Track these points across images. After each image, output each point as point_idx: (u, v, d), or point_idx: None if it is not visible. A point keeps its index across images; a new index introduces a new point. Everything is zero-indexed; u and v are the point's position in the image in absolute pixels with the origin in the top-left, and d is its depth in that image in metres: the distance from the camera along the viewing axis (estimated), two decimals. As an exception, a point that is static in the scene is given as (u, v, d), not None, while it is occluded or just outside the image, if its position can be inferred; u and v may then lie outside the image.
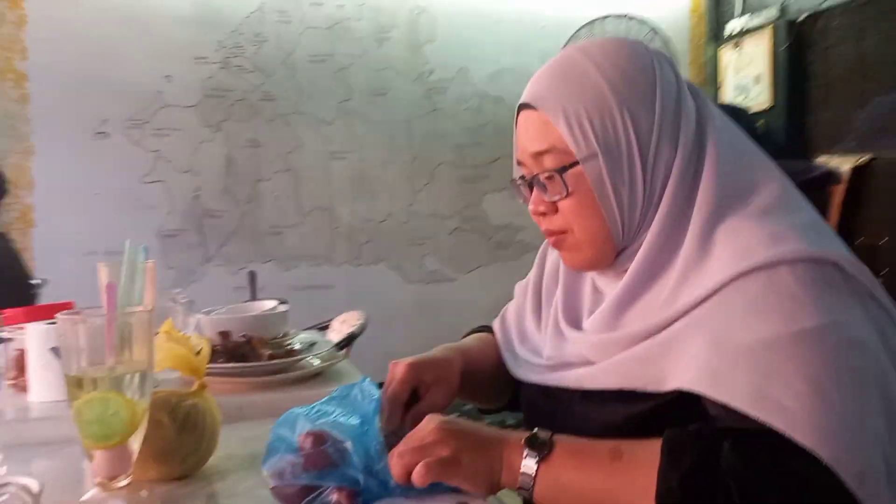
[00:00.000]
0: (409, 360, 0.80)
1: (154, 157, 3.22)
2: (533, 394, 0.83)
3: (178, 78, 3.22)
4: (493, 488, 0.64)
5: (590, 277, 0.82)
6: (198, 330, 1.13)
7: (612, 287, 0.76)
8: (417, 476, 0.61)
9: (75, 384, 0.64)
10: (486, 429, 0.67)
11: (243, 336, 1.08)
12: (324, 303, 2.97)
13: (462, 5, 3.56)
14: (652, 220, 0.72)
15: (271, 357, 1.06)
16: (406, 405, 0.78)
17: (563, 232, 0.75)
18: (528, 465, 0.62)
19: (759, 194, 0.70)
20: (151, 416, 0.73)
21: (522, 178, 0.78)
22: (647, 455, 0.59)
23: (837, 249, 0.65)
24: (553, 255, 0.89)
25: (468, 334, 0.99)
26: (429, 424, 0.66)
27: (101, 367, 0.65)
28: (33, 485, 0.54)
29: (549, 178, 0.73)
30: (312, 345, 1.20)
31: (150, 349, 0.69)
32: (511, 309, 0.95)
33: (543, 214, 0.76)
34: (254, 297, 1.40)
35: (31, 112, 3.06)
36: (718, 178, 0.70)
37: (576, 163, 0.71)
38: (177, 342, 0.79)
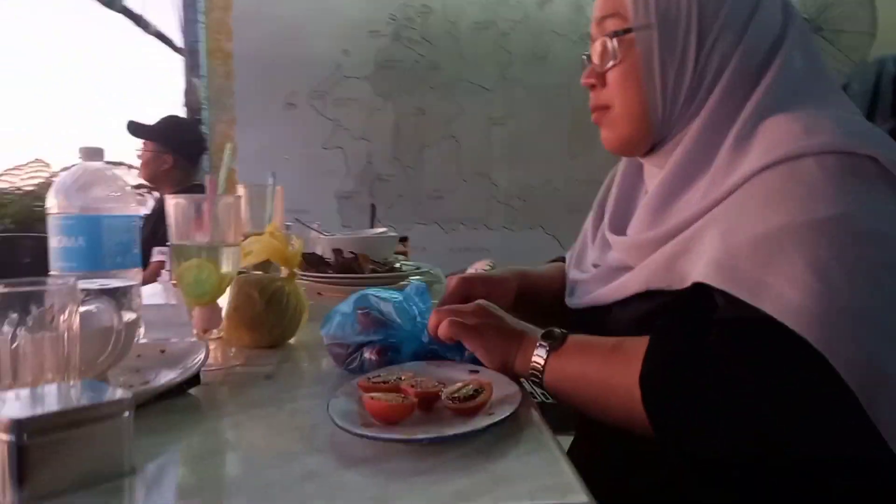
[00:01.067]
0: (465, 274, 0.87)
1: (333, 125, 3.55)
2: (578, 313, 0.85)
3: (355, 51, 3.51)
4: (505, 368, 0.69)
5: (643, 182, 0.82)
6: (318, 246, 1.30)
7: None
8: (442, 329, 0.70)
9: (178, 252, 0.80)
10: (518, 322, 0.73)
11: (352, 253, 1.23)
12: (479, 263, 3.11)
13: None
14: (696, 113, 0.70)
15: (373, 271, 1.19)
16: None
17: (606, 108, 0.75)
18: (540, 354, 0.67)
19: (810, 102, 0.66)
20: (243, 291, 0.88)
21: (587, 57, 0.77)
22: (641, 345, 0.60)
23: (881, 146, 0.60)
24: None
25: (549, 262, 1.03)
26: (474, 310, 0.73)
27: (197, 240, 0.81)
28: (129, 316, 0.70)
29: (604, 42, 0.73)
30: (417, 268, 1.31)
31: (237, 231, 0.84)
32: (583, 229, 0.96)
33: (593, 87, 0.76)
34: (371, 226, 1.54)
35: (235, 86, 3.52)
36: (773, 86, 0.67)
37: (630, 29, 0.70)
38: (275, 239, 0.94)
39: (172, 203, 0.80)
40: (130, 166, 3.11)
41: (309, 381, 0.75)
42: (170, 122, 2.47)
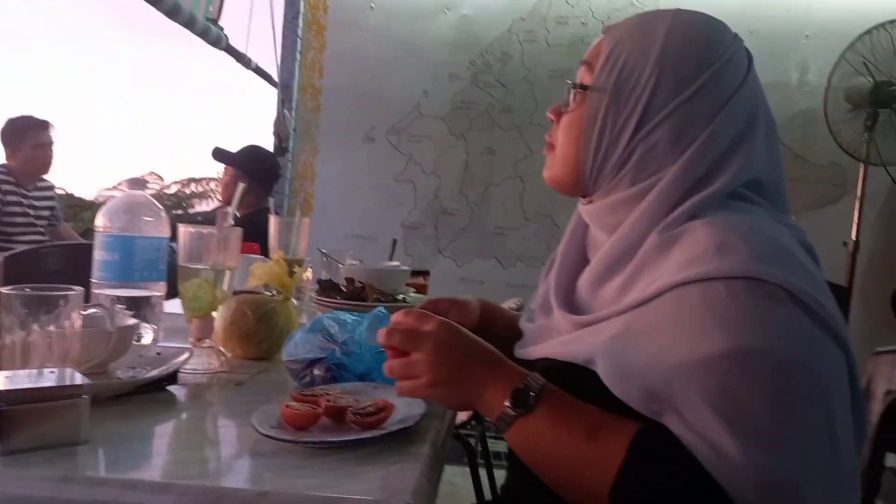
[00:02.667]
0: (430, 297, 0.96)
1: (406, 159, 3.75)
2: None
3: (433, 92, 3.71)
4: (462, 410, 0.73)
5: (585, 247, 0.85)
6: (336, 274, 1.44)
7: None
8: (398, 389, 0.70)
9: (183, 272, 0.96)
10: (481, 360, 0.70)
11: (360, 283, 1.36)
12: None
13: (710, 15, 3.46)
14: (621, 182, 0.74)
15: (375, 300, 1.32)
16: None
17: (552, 146, 0.82)
18: (508, 413, 0.65)
19: (745, 210, 0.69)
20: (240, 308, 1.03)
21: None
22: (617, 446, 0.60)
23: (789, 272, 0.62)
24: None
25: None
26: (430, 335, 0.69)
27: (201, 263, 0.96)
28: (127, 322, 0.86)
29: (570, 88, 0.80)
30: (423, 302, 1.43)
31: (236, 258, 0.99)
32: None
33: (552, 121, 0.83)
34: (390, 259, 1.67)
35: (320, 119, 3.80)
36: (706, 180, 0.70)
37: (587, 87, 0.77)
38: (278, 265, 1.09)
39: (182, 230, 0.96)
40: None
41: (267, 391, 0.88)
42: (249, 151, 2.73)
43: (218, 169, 3.03)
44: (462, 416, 2.07)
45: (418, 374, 0.69)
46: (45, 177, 3.29)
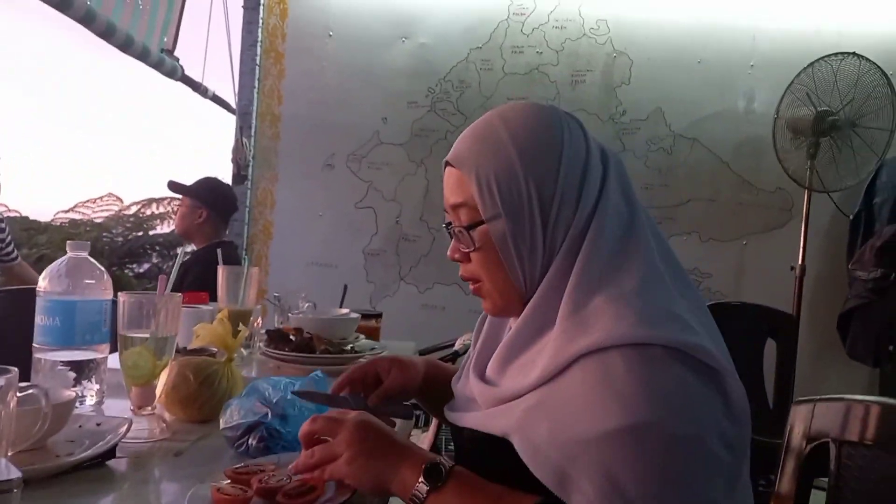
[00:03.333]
0: (369, 358, 0.98)
1: (367, 186, 3.77)
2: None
3: (392, 120, 3.74)
4: (379, 493, 0.75)
5: (509, 321, 0.89)
6: (285, 323, 1.46)
7: None
8: (318, 477, 0.74)
9: (123, 341, 0.97)
10: (394, 442, 0.75)
11: (308, 334, 1.38)
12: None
13: (661, 47, 3.57)
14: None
15: (323, 351, 1.34)
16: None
17: (476, 280, 0.84)
18: (420, 489, 0.71)
19: (628, 272, 0.74)
20: (181, 372, 1.04)
21: (447, 225, 0.86)
22: None
23: (672, 331, 0.68)
24: None
25: (427, 351, 1.14)
26: (351, 419, 0.76)
27: (141, 331, 0.97)
28: (63, 397, 0.86)
29: (461, 231, 0.81)
30: (372, 349, 1.45)
31: (177, 324, 1.00)
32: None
33: (459, 261, 0.85)
34: (340, 305, 1.69)
35: (279, 147, 3.80)
36: (596, 247, 0.76)
37: (482, 221, 0.79)
38: (221, 325, 1.11)
39: (122, 299, 0.97)
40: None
41: (206, 460, 0.89)
42: (207, 182, 2.73)
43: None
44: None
45: (339, 453, 0.73)
46: (-5, 209, 3.22)
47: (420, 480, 0.71)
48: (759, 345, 2.62)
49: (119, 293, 1.00)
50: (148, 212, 7.45)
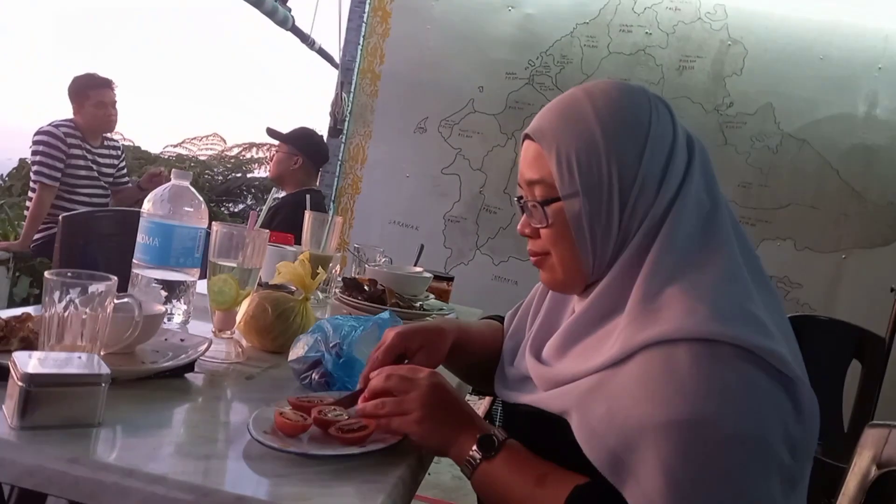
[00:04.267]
0: (401, 327, 0.90)
1: (455, 153, 3.79)
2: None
3: (489, 89, 3.73)
4: (439, 453, 0.78)
5: (573, 300, 0.89)
6: (362, 274, 1.51)
7: None
8: (384, 423, 0.76)
9: (212, 267, 1.04)
10: (461, 409, 0.78)
11: (381, 286, 1.42)
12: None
13: (781, 39, 3.38)
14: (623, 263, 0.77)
15: (393, 304, 1.38)
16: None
17: (544, 254, 0.83)
18: (474, 456, 0.74)
19: (705, 265, 0.73)
20: (261, 304, 1.10)
21: (519, 199, 0.85)
22: (559, 494, 0.69)
23: (747, 329, 0.67)
24: None
25: (484, 318, 1.14)
26: (424, 379, 0.78)
27: (229, 260, 1.04)
28: (155, 310, 0.94)
29: (535, 206, 0.80)
30: (440, 310, 1.48)
31: (261, 259, 1.06)
32: (524, 305, 1.02)
33: (529, 236, 0.84)
34: (415, 263, 1.72)
35: (376, 105, 3.88)
36: (673, 237, 0.74)
37: (558, 198, 0.77)
38: (302, 266, 1.16)
39: (216, 228, 1.04)
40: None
41: (273, 388, 0.95)
42: (302, 131, 2.83)
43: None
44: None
45: (410, 411, 0.76)
46: (114, 138, 3.45)
47: (474, 448, 0.74)
48: (843, 364, 2.50)
49: (213, 223, 1.07)
50: (248, 155, 7.77)
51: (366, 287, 1.45)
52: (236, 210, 6.95)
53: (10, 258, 3.33)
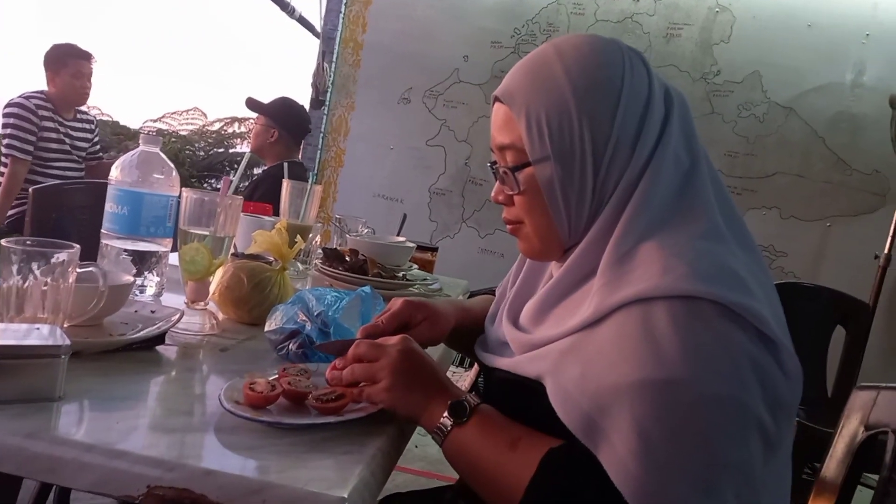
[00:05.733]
0: (411, 298, 0.90)
1: (440, 124, 3.73)
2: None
3: (474, 59, 3.66)
4: (410, 420, 0.76)
5: (550, 265, 0.86)
6: (343, 245, 1.47)
7: None
8: (355, 391, 0.74)
9: (183, 235, 1.00)
10: (433, 375, 0.76)
11: (363, 256, 1.38)
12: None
13: (769, 6, 3.34)
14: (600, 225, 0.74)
15: (375, 275, 1.34)
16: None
17: (518, 222, 0.80)
18: (445, 423, 0.72)
19: (681, 224, 0.70)
20: (235, 274, 1.06)
21: (492, 165, 0.82)
22: (532, 458, 0.66)
23: (726, 286, 0.64)
24: None
25: (479, 293, 1.11)
26: (394, 346, 0.76)
27: (200, 228, 0.99)
28: (122, 280, 0.90)
29: (506, 172, 0.77)
30: (424, 280, 1.45)
31: (235, 226, 1.02)
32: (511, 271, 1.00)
33: (503, 204, 0.81)
34: (398, 233, 1.69)
35: (358, 75, 3.80)
36: (649, 197, 0.71)
37: (529, 163, 0.74)
38: (279, 235, 1.12)
39: (185, 195, 0.99)
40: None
41: (249, 359, 0.91)
42: (282, 102, 2.75)
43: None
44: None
45: (379, 379, 0.74)
46: (87, 111, 3.36)
47: (445, 415, 0.72)
48: (827, 330, 2.50)
49: (183, 189, 1.02)
50: (230, 130, 7.64)
51: (347, 258, 1.42)
52: (219, 186, 6.84)
53: (-15, 234, 3.26)
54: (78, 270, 0.81)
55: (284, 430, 0.67)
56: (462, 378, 2.19)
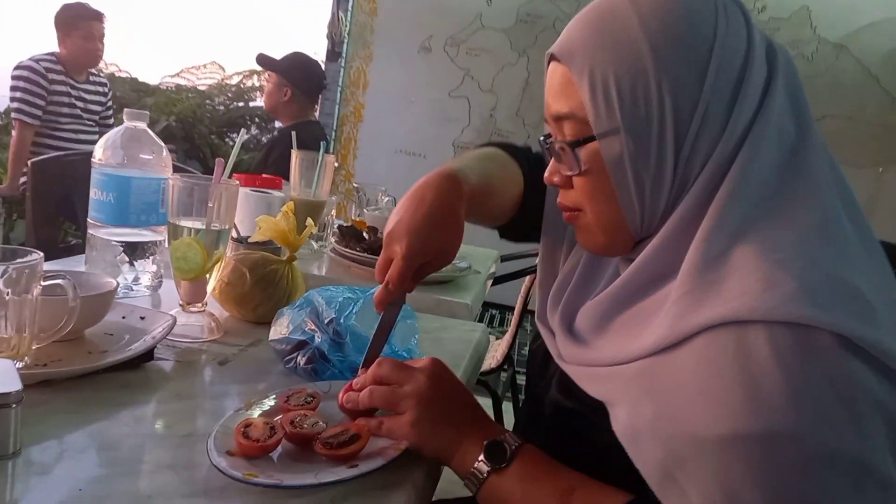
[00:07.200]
0: (409, 241, 0.69)
1: (463, 74, 3.53)
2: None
3: (497, 2, 3.43)
4: (438, 461, 0.64)
5: (614, 259, 0.72)
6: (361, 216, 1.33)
7: None
8: (372, 428, 0.63)
9: (173, 230, 0.86)
10: (466, 408, 0.66)
11: (382, 234, 1.24)
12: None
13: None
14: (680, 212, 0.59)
15: (397, 257, 1.21)
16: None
17: (576, 210, 0.65)
18: (480, 469, 0.61)
19: (788, 218, 0.55)
20: (237, 268, 0.94)
21: (545, 139, 0.67)
22: None
23: (846, 313, 0.49)
24: None
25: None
26: (423, 371, 0.65)
27: (192, 219, 0.86)
28: (106, 285, 0.77)
29: (563, 148, 0.62)
30: (454, 265, 1.31)
31: (232, 215, 0.89)
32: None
33: (559, 186, 0.67)
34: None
35: (376, 24, 3.59)
36: (746, 180, 0.56)
37: (593, 137, 0.60)
38: (285, 220, 0.98)
39: (172, 183, 0.86)
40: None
41: (250, 375, 0.79)
42: (294, 58, 2.58)
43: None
44: (491, 362, 1.99)
45: (403, 409, 0.63)
46: (100, 73, 3.23)
47: (480, 459, 0.61)
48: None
49: (169, 176, 0.88)
50: (249, 83, 7.47)
51: (365, 235, 1.28)
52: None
53: (0, 202, 3.19)
54: (43, 283, 0.69)
55: (287, 490, 0.54)
56: (493, 347, 2.07)
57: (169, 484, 0.55)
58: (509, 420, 2.18)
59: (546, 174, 0.67)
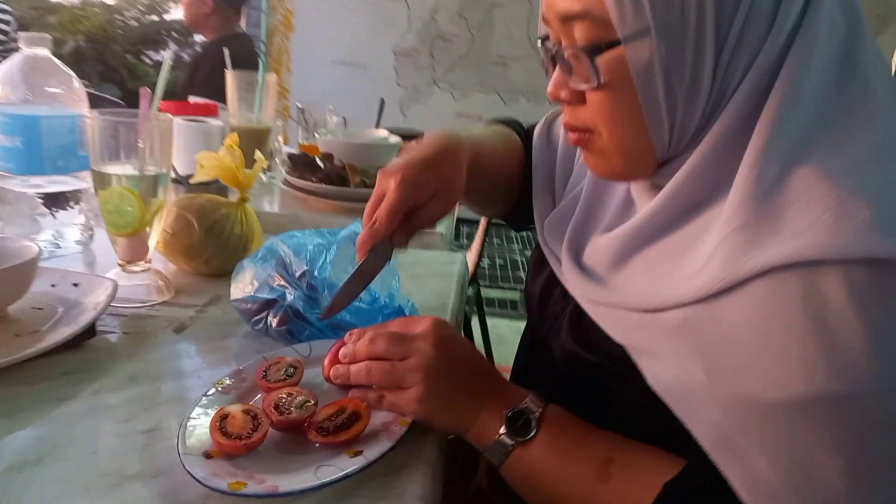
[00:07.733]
0: (404, 173, 0.62)
1: (399, -28, 3.27)
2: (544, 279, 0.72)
3: None
4: (448, 432, 0.58)
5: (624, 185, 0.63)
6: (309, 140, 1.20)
7: (645, 204, 0.56)
8: (372, 402, 0.56)
9: (98, 179, 0.73)
10: (479, 373, 0.59)
11: (340, 161, 1.12)
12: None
13: None
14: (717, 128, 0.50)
15: (359, 185, 1.09)
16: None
17: (587, 130, 0.55)
18: (504, 442, 0.55)
19: (852, 129, 0.47)
20: (182, 216, 0.81)
21: (545, 40, 0.55)
22: (636, 494, 0.50)
23: None
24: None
25: (494, 122, 0.83)
26: (426, 339, 0.57)
27: (120, 164, 0.73)
28: (25, 251, 0.65)
29: (576, 56, 0.51)
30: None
31: (169, 155, 0.75)
32: (561, 135, 0.76)
33: (566, 102, 0.54)
34: (377, 125, 1.41)
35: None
36: (798, 87, 0.47)
37: (617, 41, 0.49)
38: (230, 154, 0.85)
39: (89, 121, 0.71)
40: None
41: (213, 342, 0.69)
42: (213, -37, 2.31)
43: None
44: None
45: (408, 384, 0.55)
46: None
47: (502, 431, 0.54)
48: None
49: (85, 112, 0.74)
50: (165, -8, 6.87)
51: (319, 163, 1.15)
52: (159, 59, 6.25)
53: None
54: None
55: (282, 497, 0.46)
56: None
57: (140, 501, 0.45)
58: (478, 337, 2.15)
59: (550, 88, 0.55)
